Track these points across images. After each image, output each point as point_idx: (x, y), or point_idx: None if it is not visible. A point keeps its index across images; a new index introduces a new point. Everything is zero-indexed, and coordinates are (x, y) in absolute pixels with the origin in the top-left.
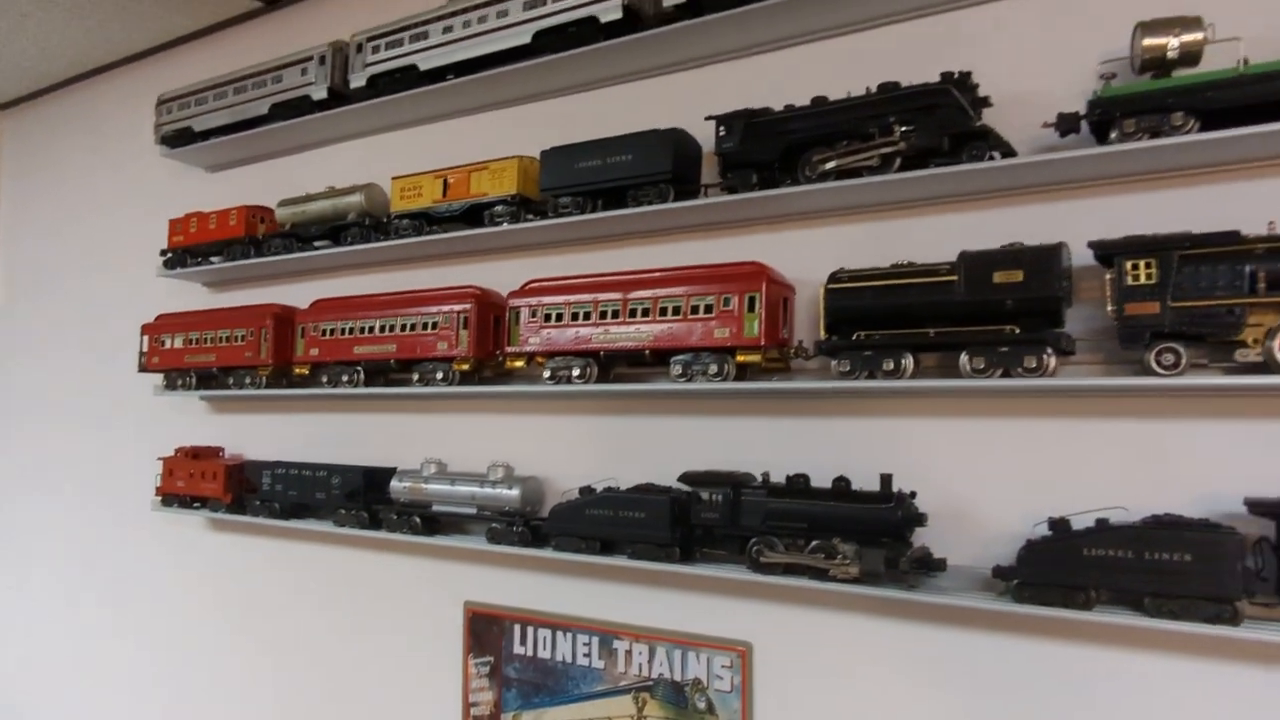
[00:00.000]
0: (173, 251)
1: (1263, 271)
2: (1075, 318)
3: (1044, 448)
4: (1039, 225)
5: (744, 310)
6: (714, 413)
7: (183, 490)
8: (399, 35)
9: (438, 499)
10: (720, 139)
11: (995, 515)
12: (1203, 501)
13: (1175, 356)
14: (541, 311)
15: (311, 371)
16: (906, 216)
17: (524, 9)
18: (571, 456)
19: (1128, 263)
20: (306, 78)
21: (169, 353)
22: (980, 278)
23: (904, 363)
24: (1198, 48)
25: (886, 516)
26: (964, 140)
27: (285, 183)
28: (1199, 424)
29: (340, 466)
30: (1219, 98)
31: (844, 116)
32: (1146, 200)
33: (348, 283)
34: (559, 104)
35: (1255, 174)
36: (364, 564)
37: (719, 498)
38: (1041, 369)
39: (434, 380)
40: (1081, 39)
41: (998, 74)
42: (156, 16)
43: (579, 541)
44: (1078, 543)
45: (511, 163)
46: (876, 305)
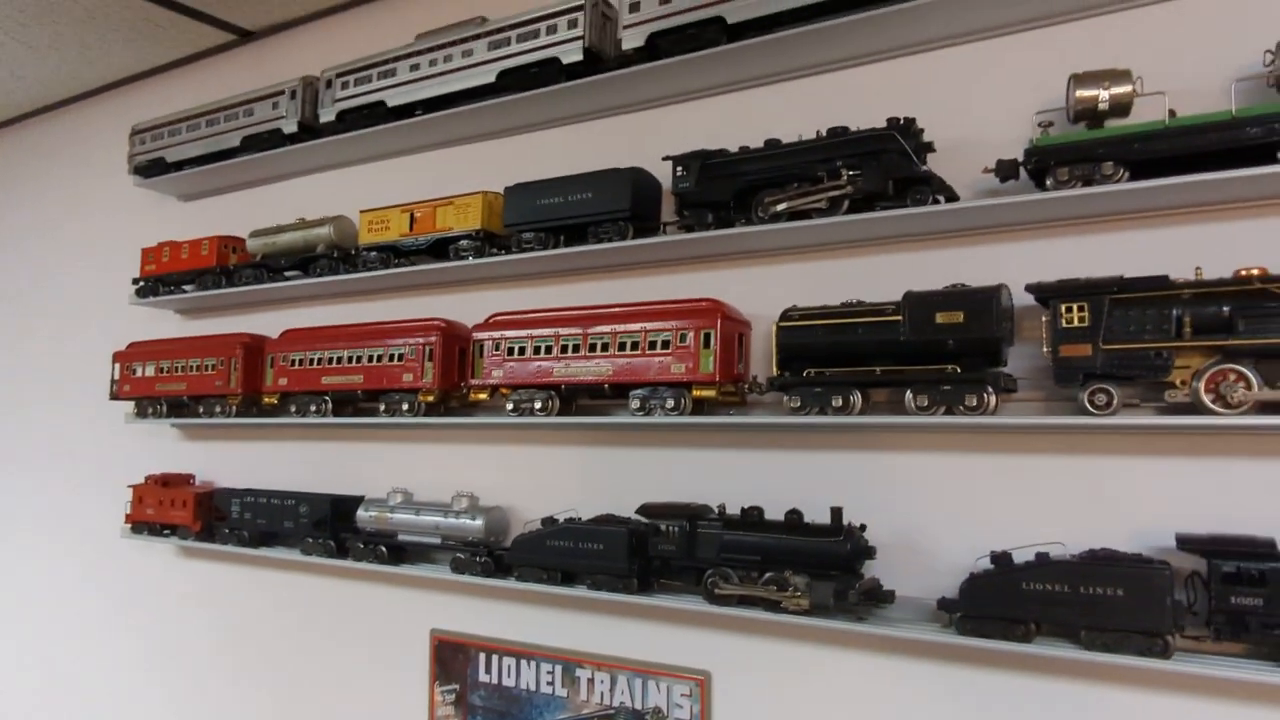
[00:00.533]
0: (145, 280)
1: (1189, 316)
2: (1018, 355)
3: (987, 482)
4: (981, 266)
5: (700, 346)
6: (672, 444)
7: (152, 518)
8: (368, 72)
9: (403, 528)
10: (677, 179)
11: (942, 547)
12: (1138, 536)
13: (1107, 396)
14: (504, 345)
15: (280, 401)
16: (855, 256)
17: (489, 49)
18: (535, 487)
19: (1062, 305)
20: (278, 111)
21: (140, 380)
22: (923, 318)
23: (852, 399)
24: (1127, 100)
25: (836, 550)
26: (909, 184)
27: (257, 213)
28: (1133, 461)
29: (308, 495)
30: (1146, 149)
31: (795, 160)
32: (1082, 244)
33: (317, 312)
34: (522, 141)
35: (1183, 220)
36: (331, 592)
37: (676, 530)
38: (982, 407)
39: (400, 411)
40: (1021, 88)
41: (941, 120)
42: (131, 47)
43: (541, 572)
44: (1017, 577)
45: (476, 198)
46: (826, 343)
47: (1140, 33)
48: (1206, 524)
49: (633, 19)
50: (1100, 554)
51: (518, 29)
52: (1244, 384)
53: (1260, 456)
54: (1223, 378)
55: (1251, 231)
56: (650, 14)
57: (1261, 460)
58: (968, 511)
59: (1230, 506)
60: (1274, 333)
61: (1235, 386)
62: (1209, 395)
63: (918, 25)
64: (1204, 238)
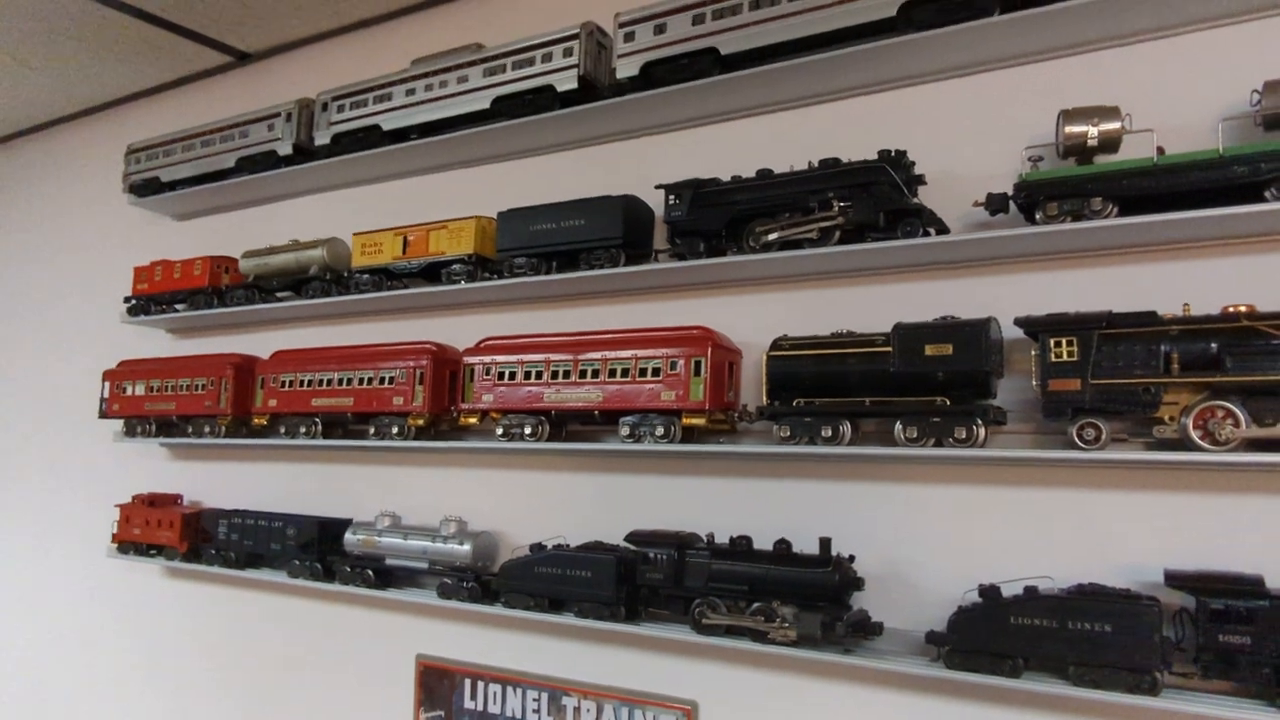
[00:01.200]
0: (137, 298)
1: (1177, 352)
2: (1008, 388)
3: (976, 514)
4: (970, 298)
5: (690, 374)
6: (661, 472)
7: (139, 538)
8: (363, 96)
9: (391, 552)
10: (669, 207)
11: (930, 579)
12: (1126, 571)
13: (1096, 431)
14: (495, 370)
15: (270, 422)
16: (846, 286)
17: (484, 75)
18: (524, 512)
19: (1051, 340)
20: (273, 133)
21: (130, 399)
22: (913, 350)
23: (842, 429)
24: (1116, 136)
25: (824, 580)
26: (899, 216)
27: (250, 233)
28: (1121, 495)
29: (296, 517)
30: (1135, 185)
31: (786, 190)
32: (1071, 278)
33: (310, 333)
34: (516, 166)
35: (1171, 256)
36: (317, 615)
37: (664, 558)
38: (971, 439)
39: (389, 434)
40: (1011, 121)
41: (932, 153)
42: (128, 67)
43: (528, 599)
44: (1006, 611)
45: (470, 223)
46: (815, 373)
47: (1129, 70)
48: (1195, 559)
49: (627, 48)
50: (1089, 589)
51: (513, 56)
52: (1232, 421)
53: (1248, 493)
54: (1211, 414)
55: (1239, 268)
56: (645, 44)
57: (1249, 497)
58: (956, 543)
59: (1218, 542)
60: (1262, 370)
61: (1224, 423)
62: (1197, 432)
63: (908, 60)
64: (1192, 274)
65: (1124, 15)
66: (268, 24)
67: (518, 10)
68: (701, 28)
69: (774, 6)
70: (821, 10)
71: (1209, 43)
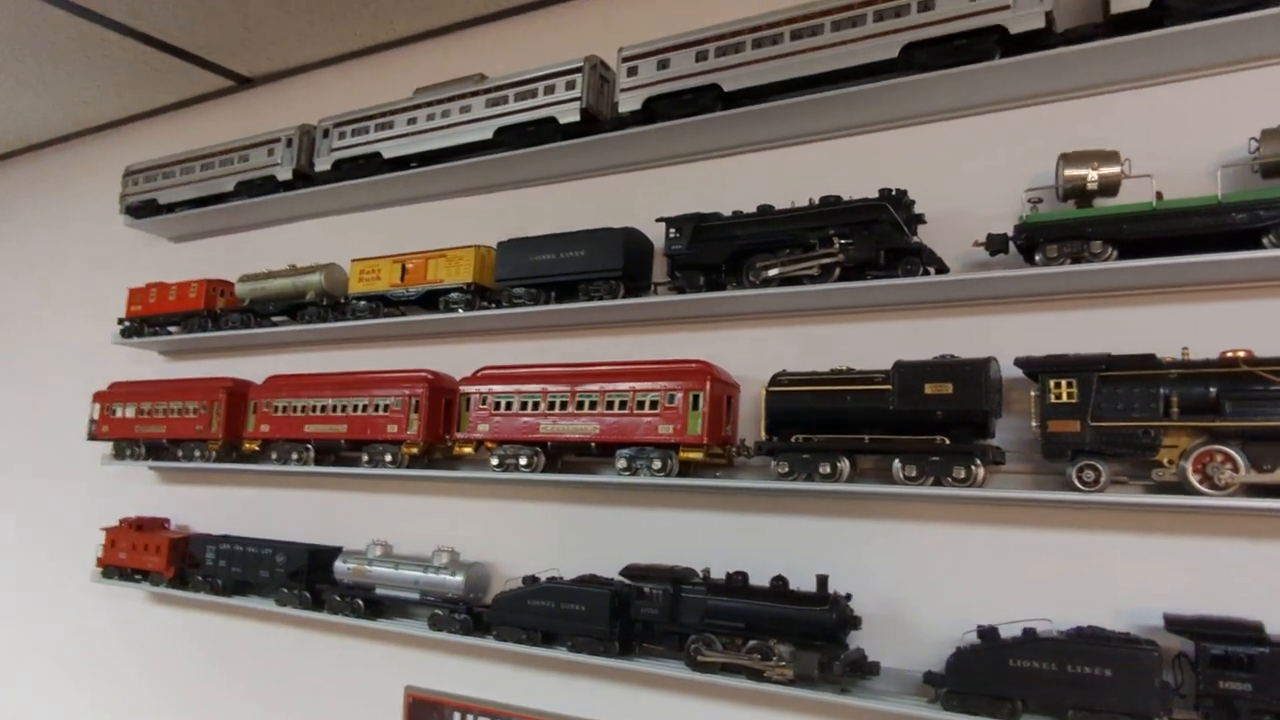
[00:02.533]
0: (131, 320)
1: (1175, 395)
2: (1006, 428)
3: (975, 554)
4: (970, 337)
5: (688, 408)
6: (658, 505)
7: (125, 562)
8: (365, 123)
9: (381, 582)
10: (670, 240)
11: (928, 619)
12: (1125, 614)
13: (1096, 473)
14: (491, 399)
15: (262, 447)
16: (845, 322)
17: (487, 106)
18: (517, 543)
19: (1050, 381)
20: (273, 158)
21: (120, 422)
22: (913, 388)
23: (840, 466)
24: (1116, 180)
25: (821, 619)
26: (900, 254)
27: (247, 257)
28: (1120, 538)
29: (285, 544)
30: (1135, 229)
31: (787, 226)
32: (1070, 318)
33: (305, 358)
34: (517, 196)
35: (1170, 300)
36: (305, 644)
37: (659, 593)
38: (970, 479)
39: (383, 462)
40: (1012, 163)
41: (932, 192)
42: (128, 89)
43: (520, 632)
44: (1004, 653)
45: (469, 252)
46: (815, 409)
47: (1128, 115)
48: (1194, 604)
49: (630, 83)
50: (1088, 632)
51: (516, 88)
52: (1231, 465)
53: (1246, 538)
54: (1210, 458)
55: (1237, 313)
56: (648, 79)
57: (1248, 541)
58: (954, 583)
59: (1217, 587)
60: (1260, 415)
61: (1222, 468)
62: (1196, 476)
63: (910, 100)
64: (1190, 318)
65: (1124, 61)
66: (270, 49)
67: (521, 42)
68: (705, 64)
69: (776, 45)
70: (824, 50)
71: (1208, 90)
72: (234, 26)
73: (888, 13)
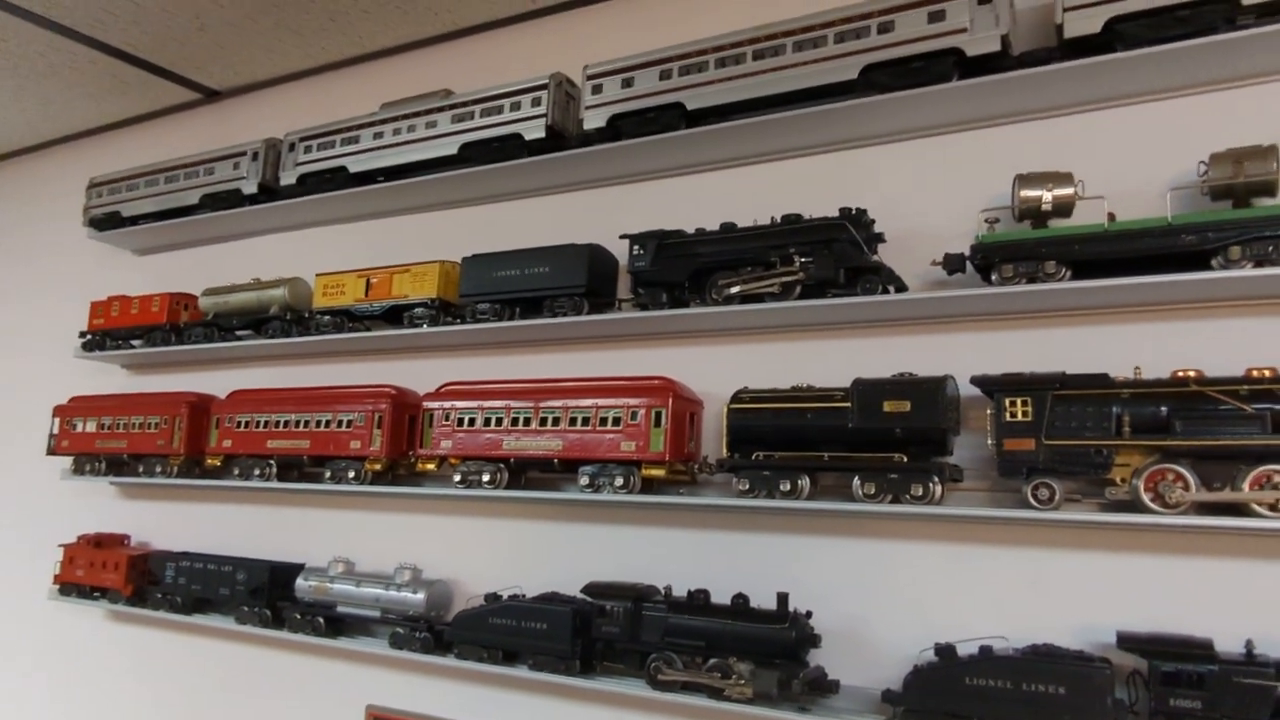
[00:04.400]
0: (93, 333)
1: (1128, 414)
2: (964, 445)
3: (933, 571)
4: (928, 354)
5: (650, 425)
6: (620, 522)
7: (83, 580)
8: (331, 137)
9: (343, 600)
10: (633, 257)
11: (887, 636)
12: (1079, 631)
13: (1050, 491)
14: (455, 415)
15: (224, 463)
16: (806, 339)
17: (452, 121)
18: (480, 560)
19: (1006, 399)
20: (238, 172)
21: (80, 436)
22: (871, 406)
23: (800, 484)
24: (1069, 201)
25: (781, 637)
26: (859, 273)
27: (211, 271)
28: (1075, 555)
29: (246, 561)
30: (1088, 250)
31: (749, 244)
32: (1026, 337)
33: (269, 372)
34: (482, 212)
35: (1123, 319)
36: (265, 663)
37: (620, 611)
38: (928, 496)
39: (346, 478)
40: (969, 183)
41: (892, 211)
42: (94, 101)
43: (481, 650)
44: (961, 671)
45: (433, 267)
46: (776, 426)
47: (1082, 137)
48: (1146, 620)
49: (595, 100)
50: (1042, 649)
51: (482, 104)
52: (1182, 484)
53: (1197, 555)
54: (1161, 477)
55: (1187, 333)
56: (612, 96)
57: (1199, 559)
58: (912, 600)
59: (1169, 604)
60: (1210, 435)
61: (1174, 486)
62: (1148, 494)
63: (869, 120)
64: (1142, 337)
65: (1077, 85)
66: (237, 63)
67: (487, 58)
68: (669, 83)
69: (739, 65)
70: (786, 70)
71: (1158, 114)
72: (201, 40)
73: (848, 34)
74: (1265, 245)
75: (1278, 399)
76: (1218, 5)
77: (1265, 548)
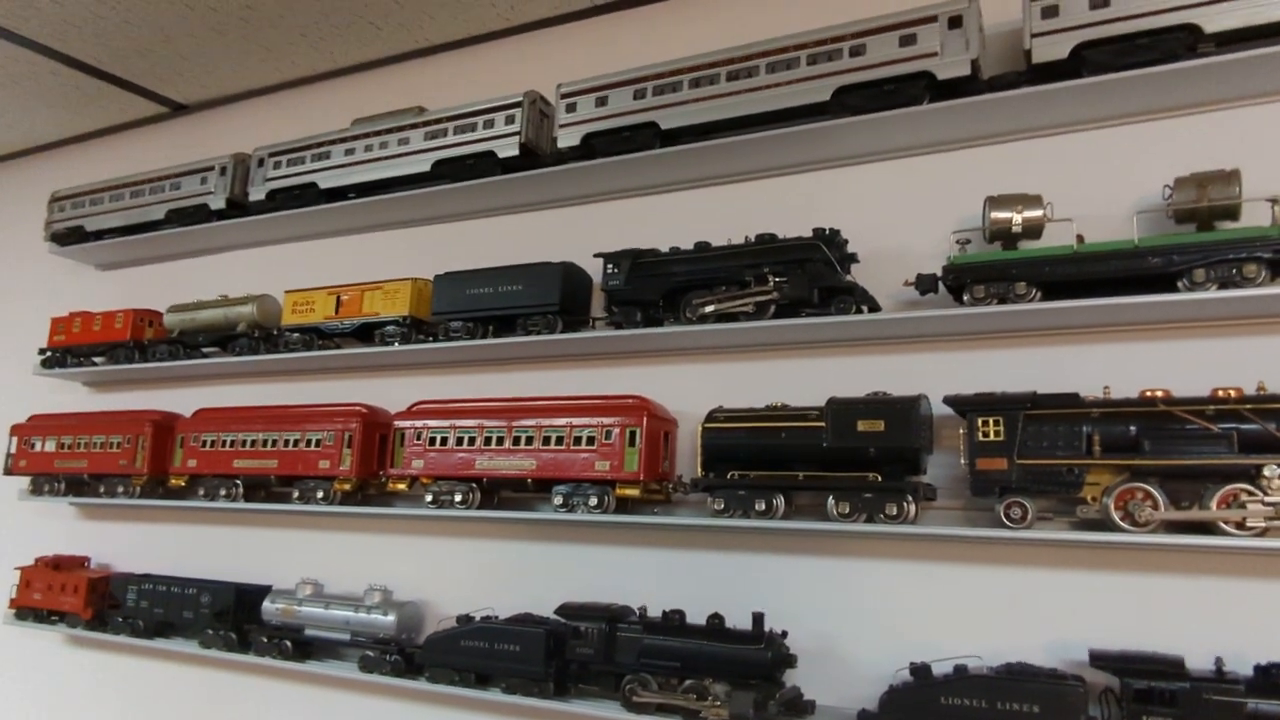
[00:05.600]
0: (53, 350)
1: (1098, 434)
2: (937, 464)
3: (907, 590)
4: (901, 374)
5: (625, 444)
6: (594, 542)
7: (40, 603)
8: (301, 153)
9: (311, 623)
10: (607, 276)
11: (862, 654)
12: (1052, 649)
13: (1022, 510)
14: (426, 435)
15: (189, 483)
16: (780, 358)
17: (425, 138)
18: (452, 581)
19: (978, 419)
20: (206, 186)
21: (39, 456)
22: (845, 425)
23: (775, 503)
24: (1039, 223)
25: (757, 658)
26: (833, 293)
27: (175, 286)
28: (1047, 573)
29: (211, 583)
30: (1057, 272)
31: (723, 263)
32: (997, 356)
33: (236, 390)
34: (454, 229)
35: (1091, 340)
36: (231, 688)
37: (595, 632)
38: (902, 516)
39: (314, 499)
40: (940, 204)
41: (865, 231)
42: (55, 114)
43: (453, 673)
44: (936, 691)
45: (405, 284)
46: (750, 445)
47: (1051, 160)
48: (1118, 638)
49: (569, 119)
50: (1016, 668)
51: (455, 121)
52: (1151, 503)
53: (1167, 573)
54: (1131, 496)
55: (1155, 354)
56: (586, 115)
57: (1168, 577)
58: (887, 619)
59: (1140, 621)
60: (1178, 454)
61: (1143, 505)
62: (1118, 513)
63: (842, 141)
64: (1111, 357)
65: (1045, 109)
66: (205, 77)
67: (460, 75)
68: (642, 102)
69: (713, 85)
70: (759, 91)
71: (1124, 138)
72: (168, 54)
73: (820, 56)
74: (1229, 268)
75: (1243, 419)
76: (1179, 34)
77: (1233, 565)
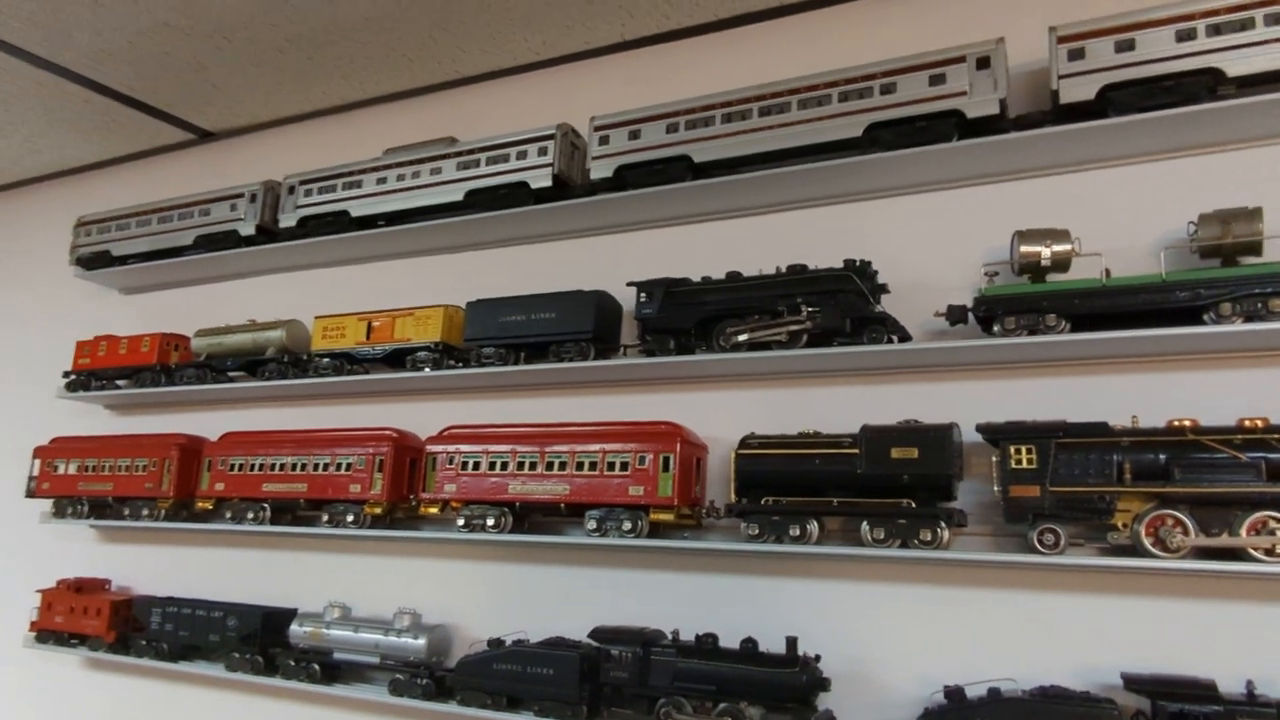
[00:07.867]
0: (78, 373)
1: (1128, 462)
2: (967, 490)
3: (940, 614)
4: (933, 402)
5: (658, 469)
6: (627, 566)
7: (61, 626)
8: (333, 181)
9: (339, 646)
10: (640, 304)
11: (896, 679)
12: (1085, 673)
13: (1055, 536)
14: (459, 459)
15: (215, 506)
16: (812, 386)
17: (458, 169)
18: (483, 605)
19: (1011, 447)
20: (236, 213)
21: (62, 479)
22: (879, 452)
23: (809, 528)
24: (1067, 257)
25: (791, 681)
26: (865, 323)
27: (199, 311)
28: (1079, 598)
29: (237, 606)
30: (1086, 304)
31: (756, 293)
32: (1026, 386)
33: (262, 414)
34: (486, 257)
35: (1120, 370)
36: (257, 712)
37: (628, 656)
38: (936, 541)
39: (344, 522)
40: (969, 237)
41: (895, 262)
42: (84, 140)
43: (485, 697)
44: (970, 714)
45: (437, 311)
46: (783, 472)
47: (1077, 196)
48: (1149, 662)
49: (602, 151)
50: (1050, 691)
51: (488, 151)
52: (1181, 529)
53: (1198, 599)
54: (1161, 522)
55: (1181, 384)
56: (619, 148)
57: (1200, 602)
58: (921, 644)
59: (1172, 646)
60: (1207, 482)
61: (1173, 532)
62: (1149, 539)
63: (873, 176)
64: (1139, 387)
65: (1072, 147)
66: (235, 105)
67: (492, 107)
68: (675, 136)
69: (745, 120)
70: (791, 126)
71: (1149, 175)
72: (200, 83)
73: (852, 94)
74: (1254, 302)
75: (1270, 448)
76: (1201, 77)
77: (1264, 591)
